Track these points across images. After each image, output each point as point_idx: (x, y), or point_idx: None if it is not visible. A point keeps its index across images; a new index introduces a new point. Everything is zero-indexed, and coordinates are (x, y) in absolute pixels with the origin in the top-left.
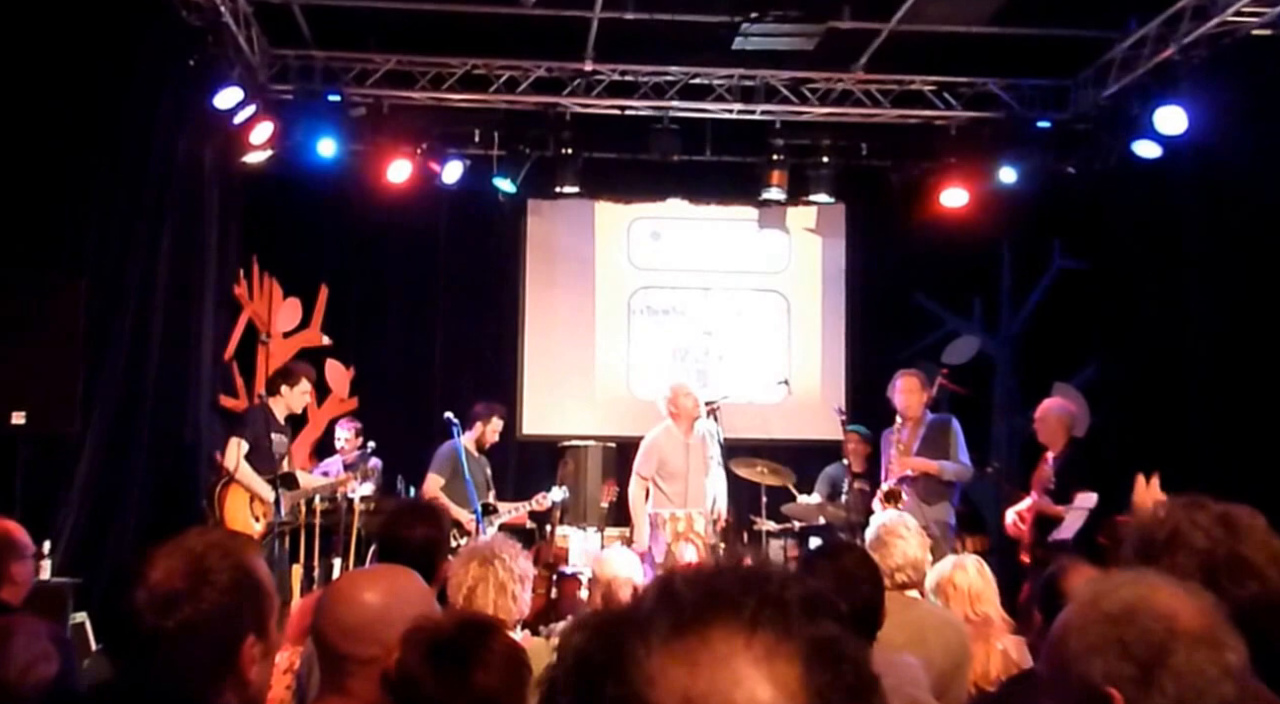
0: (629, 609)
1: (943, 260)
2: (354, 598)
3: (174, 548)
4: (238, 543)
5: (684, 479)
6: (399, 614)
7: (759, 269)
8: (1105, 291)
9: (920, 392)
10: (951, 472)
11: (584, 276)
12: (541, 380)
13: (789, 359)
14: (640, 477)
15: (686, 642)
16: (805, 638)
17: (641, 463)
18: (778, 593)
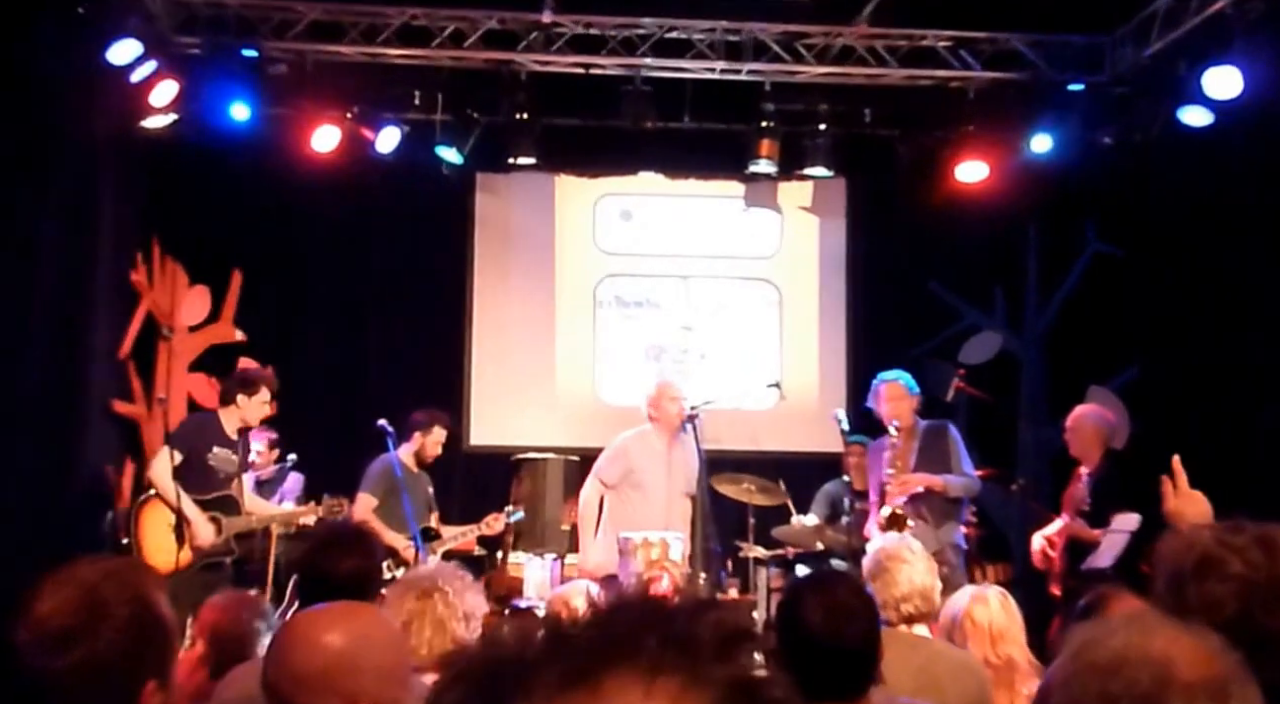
0: (512, 657)
1: (959, 244)
2: (311, 642)
3: (64, 579)
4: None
5: (659, 496)
6: (366, 661)
7: (746, 254)
8: (1148, 281)
9: (909, 397)
10: (959, 486)
11: (542, 263)
12: (492, 383)
13: (781, 359)
14: (600, 482)
15: (576, 694)
16: (719, 681)
17: (605, 466)
18: (685, 630)
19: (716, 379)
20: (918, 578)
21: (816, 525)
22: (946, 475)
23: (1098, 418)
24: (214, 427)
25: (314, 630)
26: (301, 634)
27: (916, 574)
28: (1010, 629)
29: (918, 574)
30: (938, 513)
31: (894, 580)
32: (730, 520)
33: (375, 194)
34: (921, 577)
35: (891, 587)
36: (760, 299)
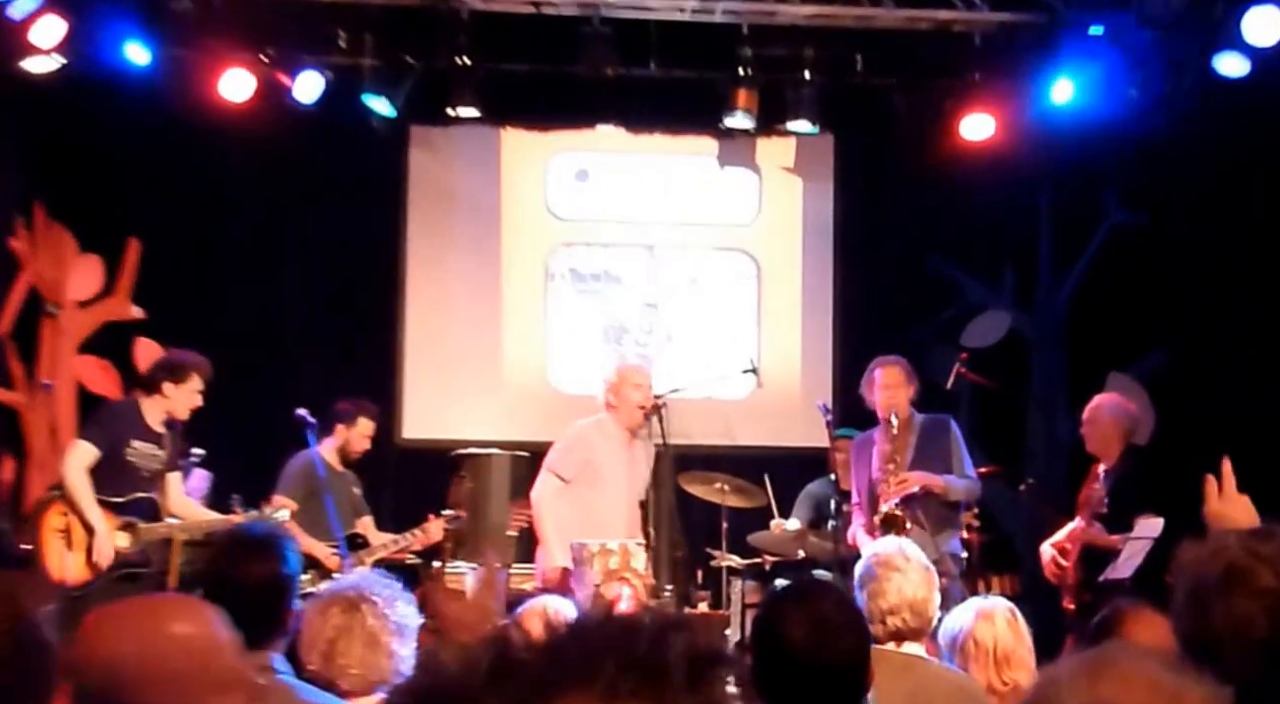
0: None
1: (963, 211)
2: (108, 644)
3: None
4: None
5: (618, 496)
6: (174, 667)
7: (720, 221)
8: (1177, 253)
9: (907, 385)
10: (961, 489)
11: (486, 230)
12: (428, 368)
13: (759, 341)
14: (555, 476)
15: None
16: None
17: (560, 458)
18: (648, 652)
19: (685, 364)
20: (909, 589)
21: (798, 531)
22: (948, 476)
23: (1118, 409)
24: (133, 417)
25: (110, 631)
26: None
27: (908, 584)
28: (1018, 650)
29: (909, 585)
30: (936, 518)
31: (881, 590)
32: (700, 525)
33: (294, 150)
34: (914, 587)
35: (878, 597)
36: (736, 273)
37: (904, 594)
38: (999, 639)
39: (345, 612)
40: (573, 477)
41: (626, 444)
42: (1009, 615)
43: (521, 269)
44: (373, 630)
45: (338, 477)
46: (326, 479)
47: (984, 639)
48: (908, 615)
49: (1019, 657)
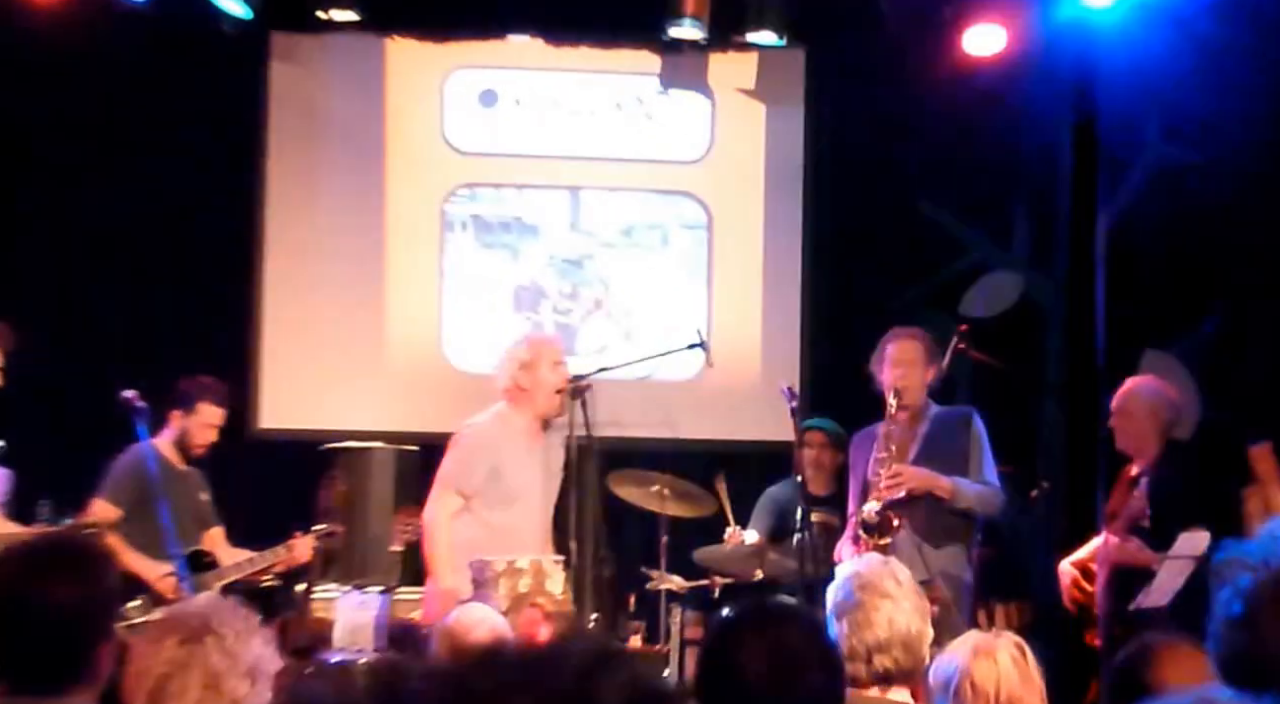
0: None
1: (965, 145)
2: None
3: None
4: None
5: (532, 509)
6: None
7: (661, 157)
8: (1235, 202)
9: (924, 364)
10: (972, 496)
11: (367, 166)
12: (292, 341)
13: (709, 307)
14: (457, 494)
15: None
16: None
17: (459, 470)
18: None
19: (616, 336)
20: (901, 620)
21: (756, 545)
22: (959, 478)
23: (1156, 396)
24: None
25: None
26: None
27: (901, 615)
28: (1026, 697)
29: (902, 615)
30: (937, 528)
31: (869, 621)
32: (634, 538)
33: (124, 62)
34: (907, 618)
35: (864, 629)
36: (680, 221)
37: (896, 627)
38: (1002, 682)
39: (185, 643)
40: (476, 491)
41: (536, 440)
42: (1015, 653)
43: (411, 216)
44: (216, 671)
45: (177, 477)
46: (161, 480)
47: (983, 682)
48: (900, 654)
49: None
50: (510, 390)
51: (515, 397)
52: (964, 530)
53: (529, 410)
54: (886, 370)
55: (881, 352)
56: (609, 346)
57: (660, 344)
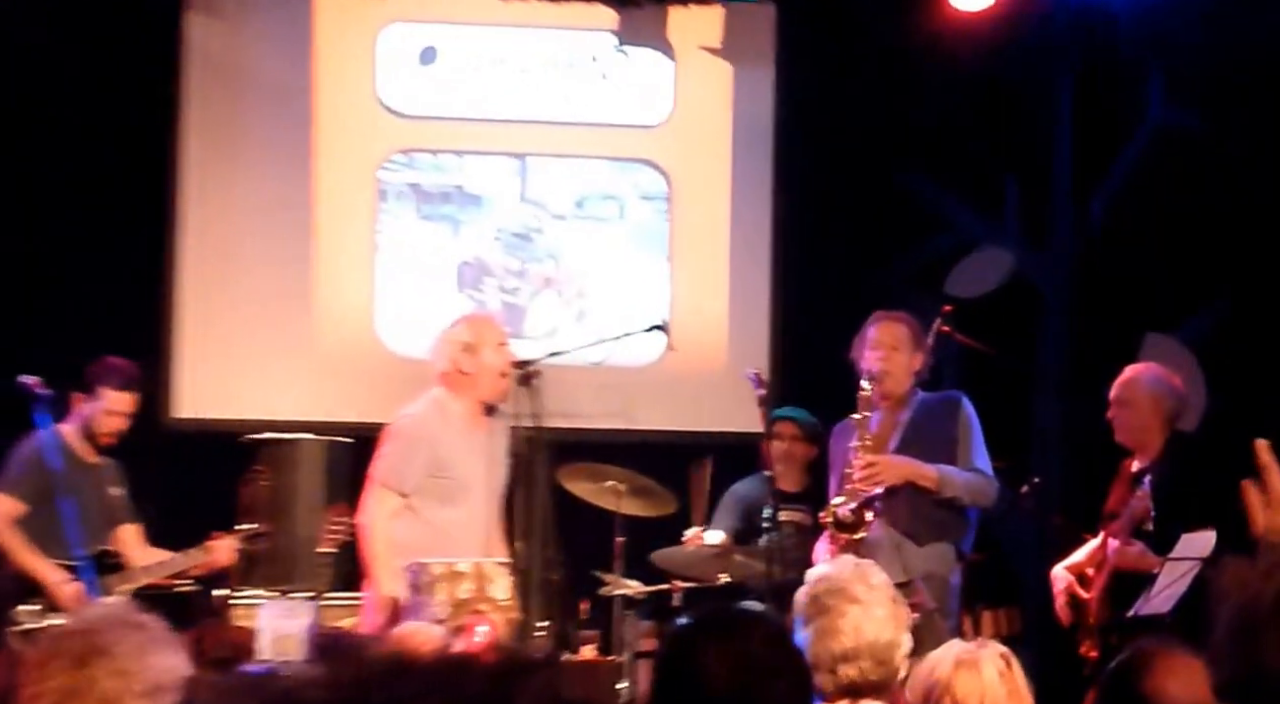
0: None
1: (951, 109)
2: None
3: None
4: None
5: (476, 506)
6: None
7: (618, 121)
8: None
9: (909, 350)
10: (960, 485)
11: (293, 129)
12: (211, 320)
13: (671, 286)
14: (390, 491)
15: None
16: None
17: (397, 465)
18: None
19: (568, 317)
20: (871, 628)
21: (720, 546)
22: (945, 467)
23: (1159, 384)
24: None
25: None
26: None
27: (870, 622)
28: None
29: (872, 622)
30: (921, 524)
31: (834, 628)
32: (587, 538)
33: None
34: (878, 626)
35: (829, 638)
36: (639, 192)
37: (864, 635)
38: (986, 697)
39: (72, 669)
40: (415, 488)
41: (478, 428)
42: (1001, 665)
43: (342, 185)
44: (108, 695)
45: (85, 470)
46: (65, 473)
47: (966, 697)
48: (867, 664)
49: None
50: (449, 375)
51: (455, 382)
52: (952, 526)
53: (470, 397)
54: (867, 354)
55: (863, 336)
56: (560, 329)
57: (616, 326)
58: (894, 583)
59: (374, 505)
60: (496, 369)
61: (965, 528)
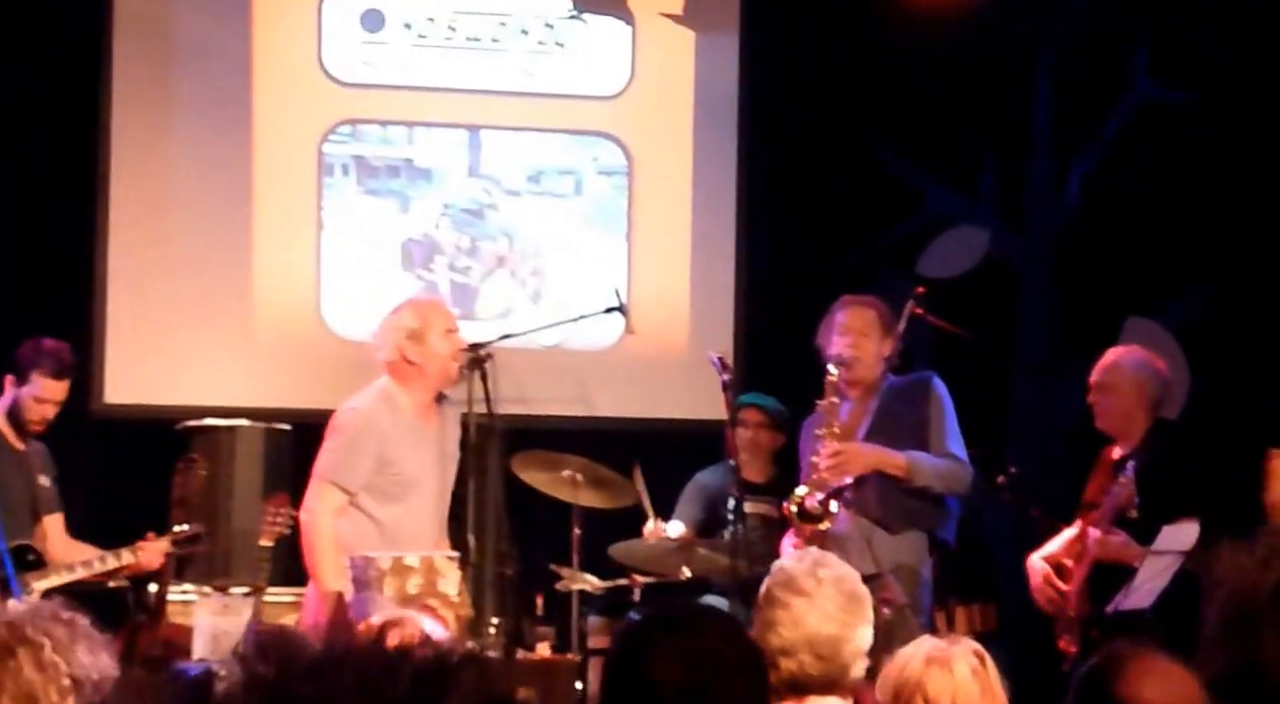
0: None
1: (925, 81)
2: None
3: None
4: None
5: (426, 501)
6: None
7: (575, 91)
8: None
9: (879, 335)
10: (930, 471)
11: (231, 100)
12: (144, 302)
13: (630, 266)
14: (336, 487)
15: None
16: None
17: (339, 462)
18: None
19: (522, 299)
20: (813, 620)
21: (682, 539)
22: (915, 452)
23: (1143, 369)
24: None
25: None
26: None
27: (813, 614)
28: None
29: (815, 615)
30: (892, 513)
31: (774, 621)
32: (542, 530)
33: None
34: (821, 619)
35: (769, 631)
36: (597, 166)
37: (805, 627)
38: (959, 696)
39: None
40: (362, 486)
41: (428, 419)
42: (974, 662)
43: (283, 158)
44: (31, 686)
45: (12, 457)
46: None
47: (937, 696)
48: (807, 658)
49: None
50: (395, 365)
51: (401, 372)
52: (925, 514)
53: (419, 387)
54: (835, 340)
55: (830, 320)
56: (514, 310)
57: (573, 308)
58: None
59: (318, 502)
60: (445, 357)
61: (941, 516)
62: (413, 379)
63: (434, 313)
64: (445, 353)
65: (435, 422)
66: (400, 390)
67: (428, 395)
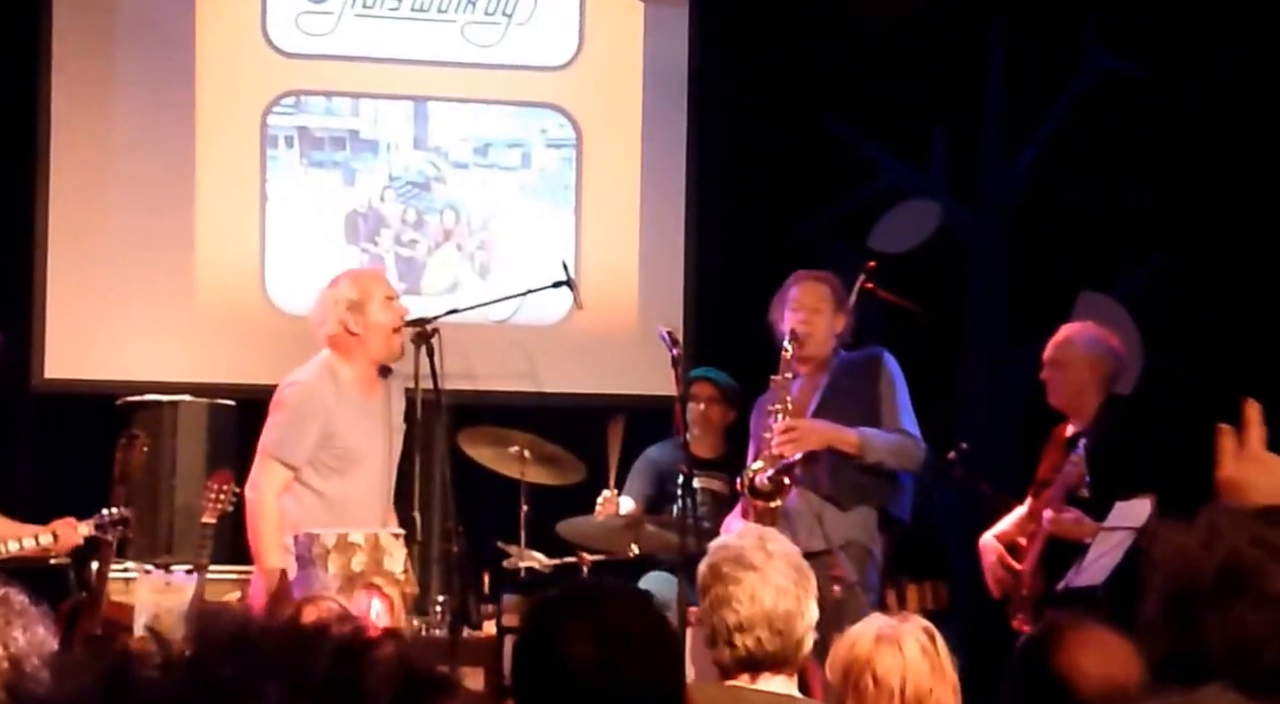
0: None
1: (876, 50)
2: None
3: None
4: None
5: (373, 477)
6: None
7: (522, 61)
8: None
9: (831, 311)
10: (884, 449)
11: (173, 70)
12: (84, 275)
13: (577, 238)
14: (279, 463)
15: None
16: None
17: (283, 438)
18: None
19: (468, 272)
20: (768, 596)
21: (631, 516)
22: (867, 429)
23: (1096, 345)
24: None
25: None
26: None
27: (767, 590)
28: (936, 690)
29: (769, 590)
30: (843, 490)
31: (728, 597)
32: (489, 507)
33: None
34: (775, 595)
35: (723, 607)
36: (544, 138)
37: (760, 603)
38: (908, 674)
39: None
40: (306, 461)
41: (372, 392)
42: (924, 640)
43: (226, 130)
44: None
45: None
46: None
47: (887, 674)
48: (765, 634)
49: (939, 699)
50: (337, 337)
51: (343, 344)
52: (875, 490)
53: (361, 359)
54: (787, 316)
55: (783, 296)
56: (460, 284)
57: (520, 282)
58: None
59: (262, 478)
60: (387, 326)
61: (893, 492)
62: (355, 351)
63: (372, 282)
64: (386, 322)
65: (379, 395)
66: (343, 363)
67: (370, 367)
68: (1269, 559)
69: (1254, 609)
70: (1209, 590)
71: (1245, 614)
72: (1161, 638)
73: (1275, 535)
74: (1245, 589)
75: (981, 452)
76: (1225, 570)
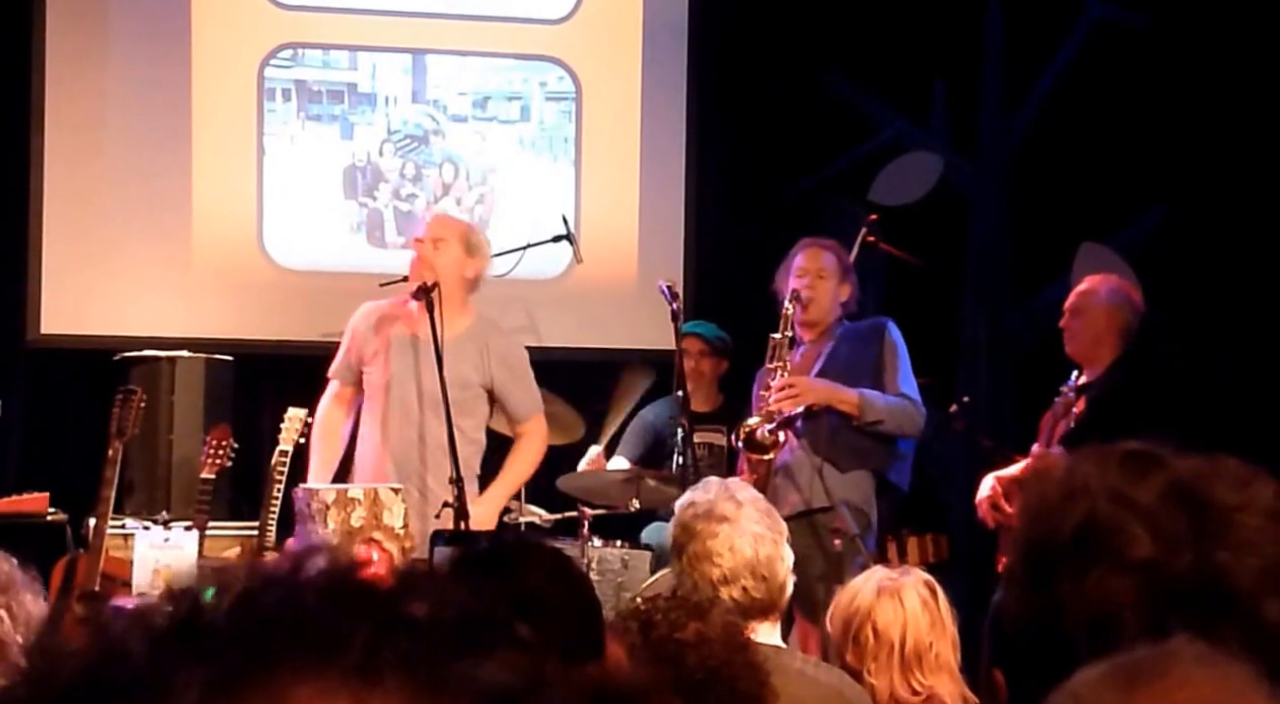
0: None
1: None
2: None
3: None
4: None
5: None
6: None
7: (521, 14)
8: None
9: (836, 278)
10: (884, 410)
11: (169, 19)
12: (80, 230)
13: (577, 193)
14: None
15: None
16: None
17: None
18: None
19: None
20: (745, 544)
21: (629, 470)
22: (868, 391)
23: (1117, 295)
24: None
25: None
26: None
27: (744, 538)
28: (937, 644)
29: (745, 538)
30: (842, 450)
31: (706, 551)
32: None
33: None
34: (752, 543)
35: (704, 563)
36: (544, 91)
37: (741, 553)
38: (908, 627)
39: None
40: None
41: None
42: (924, 593)
43: (222, 83)
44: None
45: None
46: None
47: (887, 627)
48: (750, 582)
49: (939, 653)
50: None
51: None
52: (873, 454)
53: None
54: (792, 282)
55: (788, 264)
56: None
57: (520, 236)
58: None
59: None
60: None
61: (891, 457)
62: None
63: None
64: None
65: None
66: None
67: None
68: (1130, 517)
69: (1111, 573)
70: (1065, 551)
71: (1101, 577)
72: (1016, 596)
73: (1139, 490)
74: (1101, 552)
75: (981, 404)
76: (1081, 530)
